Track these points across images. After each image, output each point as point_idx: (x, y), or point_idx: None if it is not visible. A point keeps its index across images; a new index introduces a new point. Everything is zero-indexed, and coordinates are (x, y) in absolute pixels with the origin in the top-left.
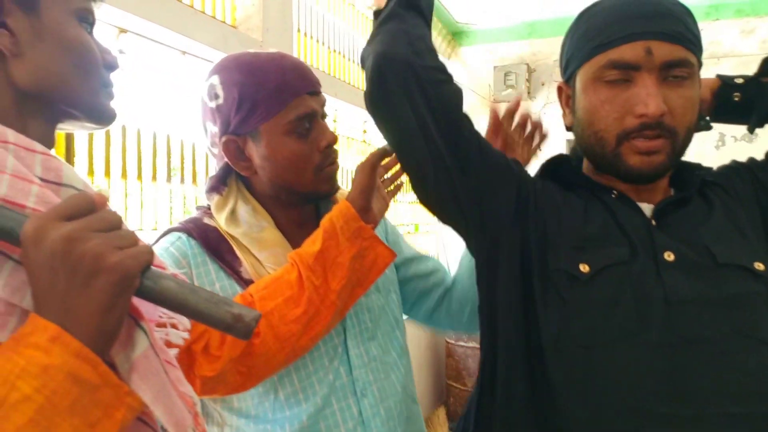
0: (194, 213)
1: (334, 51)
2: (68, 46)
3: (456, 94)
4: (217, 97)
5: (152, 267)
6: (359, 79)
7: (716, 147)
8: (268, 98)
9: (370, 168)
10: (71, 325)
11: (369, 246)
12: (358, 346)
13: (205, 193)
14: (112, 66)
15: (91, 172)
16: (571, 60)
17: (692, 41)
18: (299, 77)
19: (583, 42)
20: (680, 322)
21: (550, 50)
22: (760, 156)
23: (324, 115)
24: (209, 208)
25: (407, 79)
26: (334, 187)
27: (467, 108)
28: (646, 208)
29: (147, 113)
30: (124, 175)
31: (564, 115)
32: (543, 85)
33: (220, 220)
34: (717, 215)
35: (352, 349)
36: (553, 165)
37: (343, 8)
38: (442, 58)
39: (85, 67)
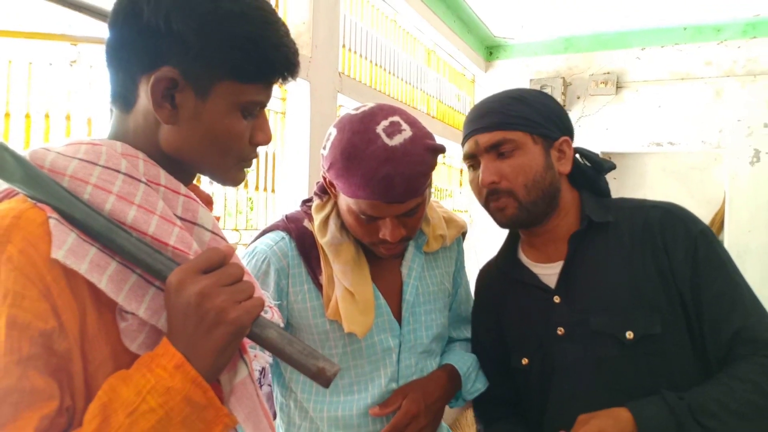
0: (297, 209)
1: (377, 65)
2: (216, 134)
3: None
4: (324, 147)
5: (260, 316)
6: (399, 91)
7: (751, 163)
8: (347, 184)
9: None
10: (192, 358)
11: None
12: (409, 358)
13: (313, 194)
14: (258, 144)
15: None
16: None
17: (512, 123)
18: (383, 189)
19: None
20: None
21: (585, 65)
22: None
23: (406, 214)
24: (311, 208)
25: None
26: (385, 257)
27: None
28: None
29: None
30: None
31: None
32: (578, 98)
33: (315, 223)
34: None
35: (403, 360)
36: None
37: (385, 24)
38: (476, 70)
39: (224, 152)
